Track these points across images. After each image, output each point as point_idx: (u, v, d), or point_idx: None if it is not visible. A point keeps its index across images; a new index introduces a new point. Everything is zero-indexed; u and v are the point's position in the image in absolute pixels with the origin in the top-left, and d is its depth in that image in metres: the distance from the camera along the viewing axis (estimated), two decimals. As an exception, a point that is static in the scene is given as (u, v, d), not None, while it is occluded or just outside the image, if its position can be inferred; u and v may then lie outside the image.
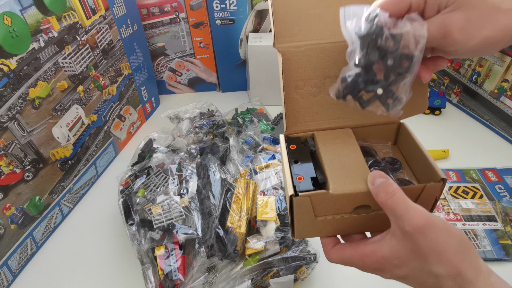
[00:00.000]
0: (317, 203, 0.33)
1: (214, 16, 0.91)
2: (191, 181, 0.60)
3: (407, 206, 0.29)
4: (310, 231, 0.37)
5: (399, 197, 0.29)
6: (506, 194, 0.69)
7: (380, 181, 0.31)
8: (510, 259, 0.59)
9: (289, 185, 0.34)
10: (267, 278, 0.54)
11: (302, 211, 0.34)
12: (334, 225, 0.36)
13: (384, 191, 0.30)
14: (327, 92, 0.38)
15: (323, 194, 0.33)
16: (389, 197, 0.30)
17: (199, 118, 0.79)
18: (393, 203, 0.29)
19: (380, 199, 0.30)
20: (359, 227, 0.36)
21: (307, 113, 0.39)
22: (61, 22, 0.64)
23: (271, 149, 0.74)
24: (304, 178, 0.34)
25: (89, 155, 0.76)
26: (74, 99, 0.69)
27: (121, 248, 0.66)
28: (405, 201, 0.29)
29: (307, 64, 0.37)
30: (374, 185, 0.31)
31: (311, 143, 0.39)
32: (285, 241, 0.56)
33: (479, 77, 0.84)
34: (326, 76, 0.38)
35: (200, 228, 0.55)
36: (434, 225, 0.28)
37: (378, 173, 0.32)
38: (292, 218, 0.35)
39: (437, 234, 0.28)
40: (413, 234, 0.28)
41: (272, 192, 0.60)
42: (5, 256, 0.59)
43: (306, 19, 0.37)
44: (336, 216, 0.34)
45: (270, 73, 0.92)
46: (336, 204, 0.34)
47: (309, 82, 0.38)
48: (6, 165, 0.57)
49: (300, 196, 0.32)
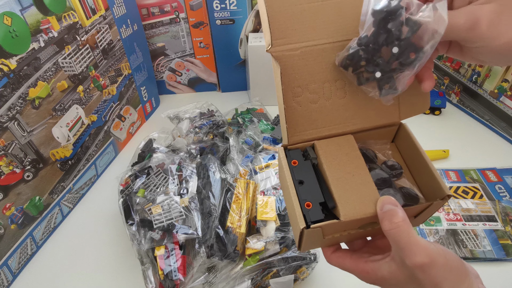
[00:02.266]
0: (327, 229, 0.33)
1: (214, 16, 0.91)
2: (191, 181, 0.60)
3: (410, 240, 0.29)
4: (316, 245, 0.38)
5: (403, 230, 0.29)
6: (506, 194, 0.69)
7: (388, 208, 0.31)
8: (510, 259, 0.59)
9: (298, 215, 0.32)
10: (267, 278, 0.54)
11: (312, 237, 0.33)
12: (340, 239, 0.36)
13: (389, 220, 0.30)
14: (327, 97, 0.36)
15: (334, 223, 0.32)
16: (393, 228, 0.30)
17: (199, 118, 0.79)
18: (396, 235, 0.30)
19: (384, 227, 0.30)
20: (363, 236, 0.37)
21: (306, 121, 0.36)
22: (61, 22, 0.64)
23: (271, 149, 0.74)
24: (312, 204, 0.33)
25: (89, 155, 0.76)
26: (74, 99, 0.69)
27: (121, 248, 0.66)
28: (408, 235, 0.29)
29: (303, 68, 0.35)
30: (382, 211, 0.31)
31: (312, 155, 0.36)
32: (285, 241, 0.56)
33: (479, 77, 0.84)
34: (325, 80, 0.35)
35: (200, 228, 0.55)
36: (434, 263, 0.29)
37: (388, 199, 0.31)
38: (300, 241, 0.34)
39: (437, 272, 0.29)
40: (413, 269, 0.29)
41: (272, 192, 0.60)
42: (5, 256, 0.59)
43: (301, 16, 0.33)
44: (343, 233, 0.34)
45: (270, 73, 0.92)
46: (345, 227, 0.33)
47: (307, 88, 0.35)
48: (6, 165, 0.57)
49: (312, 228, 0.31)
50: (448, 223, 0.64)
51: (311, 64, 0.34)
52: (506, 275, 0.58)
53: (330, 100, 0.36)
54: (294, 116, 0.35)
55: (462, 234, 0.63)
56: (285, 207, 0.58)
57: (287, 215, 0.57)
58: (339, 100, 0.36)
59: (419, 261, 0.28)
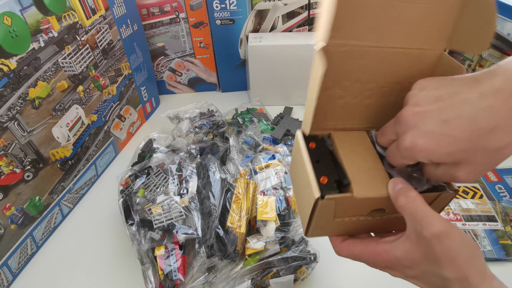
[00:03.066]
0: (340, 205, 0.34)
1: (214, 16, 0.91)
2: (191, 181, 0.60)
3: (426, 212, 0.30)
4: (324, 231, 0.38)
5: (419, 202, 0.30)
6: (506, 194, 0.69)
7: (401, 186, 0.32)
8: (510, 259, 0.59)
9: (314, 186, 0.33)
10: (267, 278, 0.54)
11: (324, 213, 0.34)
12: (348, 226, 0.36)
13: (405, 195, 0.31)
14: (354, 95, 0.36)
15: (348, 197, 0.33)
16: (409, 201, 0.31)
17: (199, 118, 0.79)
18: (413, 208, 0.30)
19: (399, 202, 0.31)
20: (369, 229, 0.37)
21: (328, 113, 0.37)
22: (61, 22, 0.64)
23: (271, 149, 0.74)
24: (328, 179, 0.34)
25: (89, 155, 0.76)
26: (74, 99, 0.69)
27: (121, 248, 0.66)
28: (424, 207, 0.30)
29: (342, 66, 0.34)
30: (394, 190, 0.32)
31: (328, 142, 0.38)
32: (285, 241, 0.56)
33: (479, 77, 0.84)
34: (356, 80, 0.35)
35: (200, 228, 0.55)
36: (451, 233, 0.29)
37: (400, 179, 0.33)
38: (310, 218, 0.35)
39: (453, 243, 0.29)
40: (430, 240, 0.29)
41: (272, 192, 0.60)
42: (5, 256, 0.59)
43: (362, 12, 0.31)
44: (353, 218, 0.35)
45: (270, 73, 0.92)
46: (356, 207, 0.34)
47: (339, 84, 0.35)
48: (6, 165, 0.57)
49: (326, 199, 0.32)
50: (448, 223, 0.65)
51: (350, 63, 0.34)
52: (506, 275, 0.58)
53: (356, 98, 0.37)
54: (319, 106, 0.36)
55: (462, 234, 0.63)
56: (285, 207, 0.58)
57: (287, 215, 0.57)
58: (364, 100, 0.37)
59: (437, 230, 0.29)
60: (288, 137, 0.83)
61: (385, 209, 0.35)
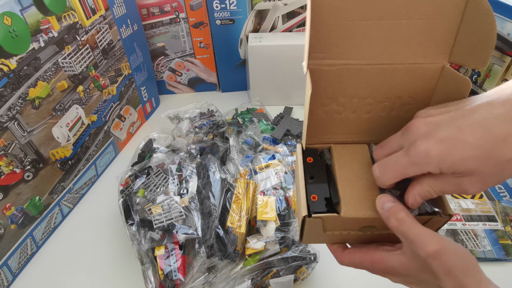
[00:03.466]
0: (327, 222, 0.35)
1: (214, 16, 0.91)
2: (191, 181, 0.60)
3: (418, 232, 0.30)
4: (318, 240, 0.40)
5: (410, 224, 0.30)
6: (506, 194, 0.69)
7: (389, 206, 0.32)
8: (510, 259, 0.59)
9: (303, 205, 0.34)
10: (267, 278, 0.54)
11: (313, 228, 0.35)
12: (340, 238, 0.38)
13: (395, 217, 0.31)
14: (352, 111, 0.37)
15: (334, 217, 0.34)
16: (400, 224, 0.31)
17: (199, 118, 0.79)
18: (404, 230, 0.30)
19: (391, 224, 0.31)
20: (363, 241, 0.38)
21: (328, 127, 0.39)
22: (61, 22, 0.64)
23: (271, 149, 0.74)
24: (318, 197, 0.35)
25: (89, 155, 0.76)
26: (74, 99, 0.69)
27: (121, 248, 0.66)
28: (416, 227, 0.30)
29: (336, 84, 0.35)
30: (383, 210, 0.32)
31: (327, 156, 0.39)
32: (285, 241, 0.56)
33: (479, 77, 0.84)
34: (354, 96, 0.36)
35: (200, 228, 0.55)
36: (445, 249, 0.29)
37: (386, 197, 0.32)
38: (302, 228, 0.36)
39: (448, 258, 0.29)
40: (426, 259, 0.30)
41: (272, 192, 0.60)
42: (5, 256, 0.59)
43: (347, 32, 0.32)
44: (343, 232, 0.36)
45: (270, 73, 0.92)
46: (344, 224, 0.35)
47: (336, 101, 0.37)
48: (6, 165, 0.57)
49: (313, 217, 0.34)
50: (448, 223, 0.64)
51: (345, 81, 0.35)
52: (506, 275, 0.58)
53: (355, 113, 0.37)
54: (317, 121, 0.38)
55: (462, 234, 0.63)
56: (285, 207, 0.58)
57: (287, 215, 0.57)
58: (363, 115, 0.38)
59: (432, 249, 0.29)
60: (288, 137, 0.83)
61: (376, 226, 0.35)
